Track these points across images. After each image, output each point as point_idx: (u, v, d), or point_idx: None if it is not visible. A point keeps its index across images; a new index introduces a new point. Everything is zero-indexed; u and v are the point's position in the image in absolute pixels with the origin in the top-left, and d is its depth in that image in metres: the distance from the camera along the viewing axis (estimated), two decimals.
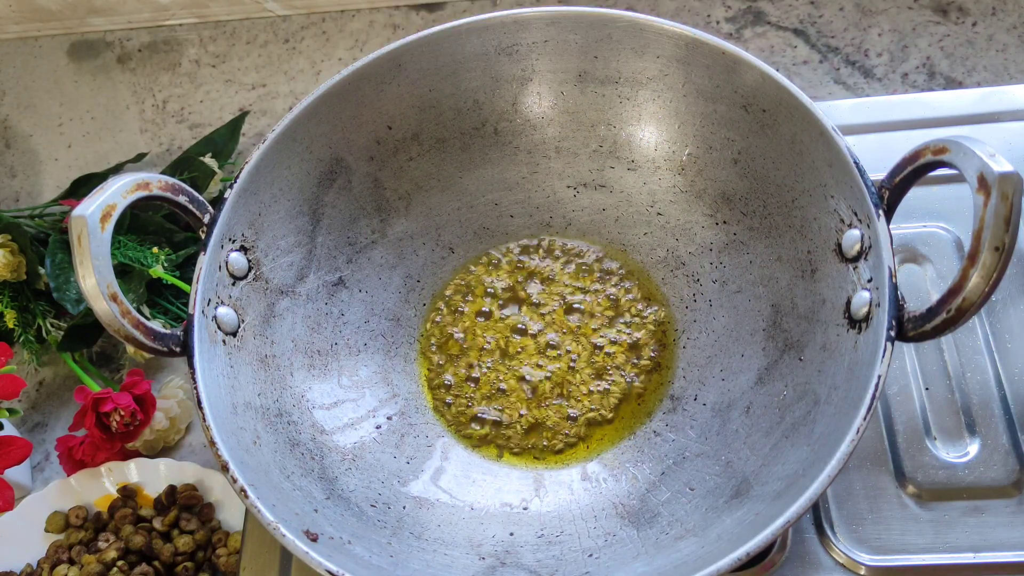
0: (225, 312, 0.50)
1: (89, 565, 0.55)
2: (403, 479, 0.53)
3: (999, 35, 0.72)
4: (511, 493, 0.53)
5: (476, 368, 0.57)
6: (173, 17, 0.81)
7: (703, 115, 0.55)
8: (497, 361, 0.57)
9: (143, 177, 0.48)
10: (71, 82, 0.81)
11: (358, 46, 0.77)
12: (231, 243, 0.51)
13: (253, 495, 0.43)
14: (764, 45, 0.71)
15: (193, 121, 0.77)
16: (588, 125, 0.59)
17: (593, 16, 0.54)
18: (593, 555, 0.48)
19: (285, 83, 0.77)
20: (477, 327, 0.58)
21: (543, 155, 0.60)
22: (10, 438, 0.58)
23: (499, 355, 0.57)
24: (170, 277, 0.61)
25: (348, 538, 0.46)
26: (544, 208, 0.61)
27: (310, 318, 0.56)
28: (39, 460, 0.66)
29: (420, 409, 0.56)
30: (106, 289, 0.45)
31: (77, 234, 0.44)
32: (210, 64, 0.79)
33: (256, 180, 0.52)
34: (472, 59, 0.56)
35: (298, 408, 0.53)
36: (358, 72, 0.54)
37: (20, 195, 0.78)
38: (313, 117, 0.54)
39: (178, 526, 0.57)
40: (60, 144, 0.79)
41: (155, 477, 0.59)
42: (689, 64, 0.53)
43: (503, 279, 0.59)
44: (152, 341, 0.47)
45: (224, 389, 0.48)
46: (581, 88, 0.57)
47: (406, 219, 0.60)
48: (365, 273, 0.58)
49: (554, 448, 0.54)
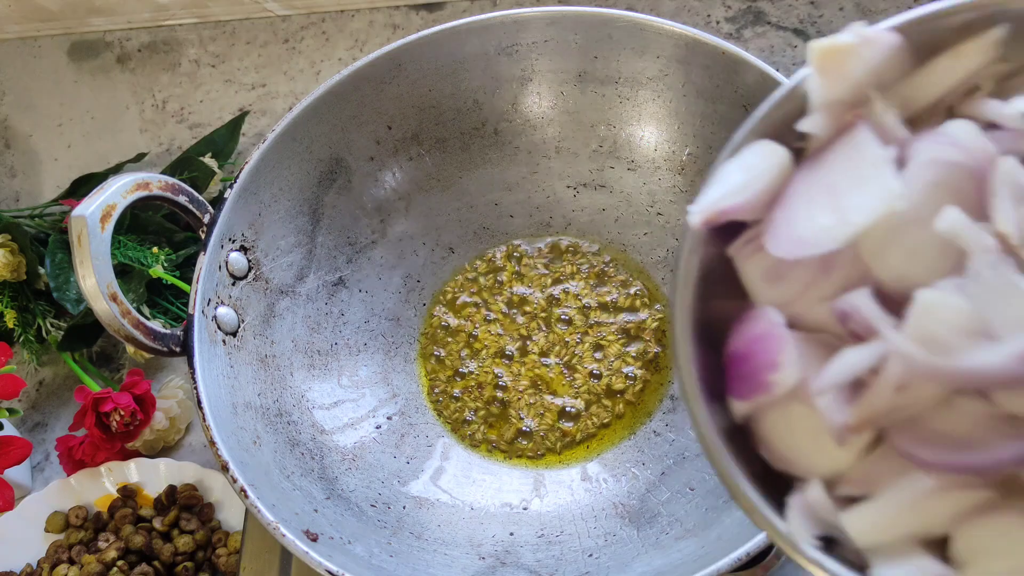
0: (225, 312, 0.50)
1: (89, 565, 0.55)
2: (403, 479, 0.53)
3: None
4: (511, 493, 0.53)
5: (476, 368, 0.57)
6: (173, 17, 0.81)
7: (703, 115, 0.55)
8: (497, 361, 0.57)
9: (143, 177, 0.48)
10: (71, 82, 0.81)
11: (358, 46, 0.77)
12: (231, 243, 0.51)
13: (253, 495, 0.43)
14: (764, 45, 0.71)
15: (193, 121, 0.77)
16: (588, 125, 0.59)
17: (593, 16, 0.54)
18: (593, 555, 0.48)
19: (285, 83, 0.77)
20: (477, 327, 0.58)
21: (543, 155, 0.60)
22: (10, 438, 0.58)
23: (499, 355, 0.57)
24: (170, 277, 0.61)
25: (348, 538, 0.46)
26: (544, 208, 0.61)
27: (310, 318, 0.56)
28: (39, 460, 0.65)
29: (420, 409, 0.56)
30: (106, 289, 0.45)
31: (77, 234, 0.44)
32: (210, 64, 0.79)
33: (256, 180, 0.52)
34: (472, 59, 0.56)
35: (298, 408, 0.53)
36: (358, 72, 0.54)
37: (20, 195, 0.78)
38: (313, 117, 0.54)
39: (178, 526, 0.57)
40: (60, 144, 0.79)
41: (155, 477, 0.59)
42: (689, 64, 0.53)
43: (503, 279, 0.59)
44: (152, 341, 0.47)
45: (224, 389, 0.48)
46: (581, 88, 0.57)
47: (406, 219, 0.60)
48: (365, 273, 0.58)
49: (554, 448, 0.54)
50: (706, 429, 0.26)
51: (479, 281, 0.60)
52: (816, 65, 0.27)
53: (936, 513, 0.24)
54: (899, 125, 0.27)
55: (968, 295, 0.23)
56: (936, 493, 0.23)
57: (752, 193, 0.27)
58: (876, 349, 0.23)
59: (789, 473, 0.26)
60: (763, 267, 0.27)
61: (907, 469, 0.24)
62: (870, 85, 0.27)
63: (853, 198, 0.25)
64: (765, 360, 0.26)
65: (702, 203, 0.27)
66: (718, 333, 0.28)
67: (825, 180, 0.26)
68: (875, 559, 0.24)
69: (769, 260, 0.26)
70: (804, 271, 0.26)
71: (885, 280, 0.25)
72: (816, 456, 0.25)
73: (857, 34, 0.26)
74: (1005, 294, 0.22)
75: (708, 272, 0.28)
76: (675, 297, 0.28)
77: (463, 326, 0.58)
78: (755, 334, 0.26)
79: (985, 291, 0.23)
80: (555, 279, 0.59)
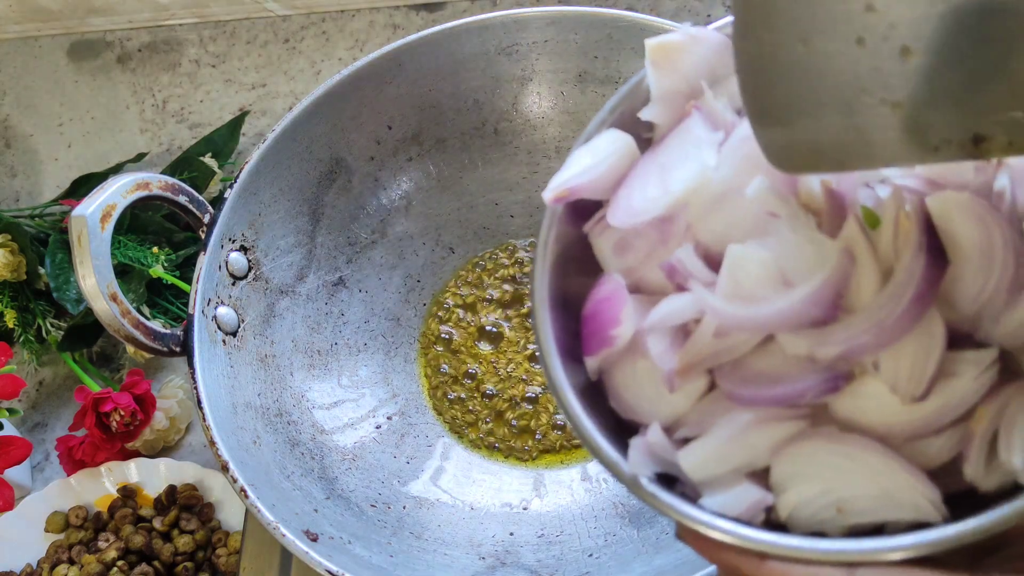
0: (225, 312, 0.50)
1: (89, 565, 0.55)
2: (403, 479, 0.53)
3: None
4: (511, 493, 0.53)
5: (476, 368, 0.57)
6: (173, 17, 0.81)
7: None
8: (497, 361, 0.57)
9: (143, 177, 0.48)
10: (71, 82, 0.81)
11: (358, 46, 0.77)
12: (231, 243, 0.51)
13: (253, 495, 0.43)
14: None
15: (193, 121, 0.77)
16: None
17: (593, 16, 0.54)
18: (593, 555, 0.48)
19: (285, 83, 0.77)
20: (477, 327, 0.58)
21: (543, 155, 0.60)
22: (10, 438, 0.58)
23: (499, 355, 0.57)
24: (170, 277, 0.61)
25: (348, 538, 0.46)
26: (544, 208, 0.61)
27: (310, 318, 0.56)
28: (39, 460, 0.65)
29: (420, 409, 0.56)
30: (106, 289, 0.45)
31: (77, 234, 0.44)
32: (210, 64, 0.79)
33: (256, 180, 0.52)
34: (472, 59, 0.56)
35: (298, 408, 0.53)
36: (358, 72, 0.54)
37: (20, 195, 0.78)
38: (313, 117, 0.54)
39: (178, 526, 0.57)
40: (60, 144, 0.79)
41: (155, 477, 0.59)
42: None
43: (503, 279, 0.59)
44: (152, 341, 0.47)
45: (224, 389, 0.48)
46: (581, 88, 0.57)
47: (406, 219, 0.60)
48: (365, 273, 0.58)
49: (554, 448, 0.54)
50: (559, 384, 0.29)
51: (479, 281, 0.60)
52: (652, 60, 0.30)
53: (757, 445, 0.26)
54: (730, 112, 0.29)
55: (771, 250, 0.26)
56: (755, 426, 0.26)
57: (598, 173, 0.30)
58: (695, 298, 0.26)
59: (635, 422, 0.29)
60: (612, 241, 0.30)
61: (733, 409, 0.26)
62: (702, 78, 0.30)
63: (676, 172, 0.28)
64: (609, 317, 0.29)
65: (553, 182, 0.30)
66: (578, 303, 0.30)
67: (658, 160, 0.29)
68: (707, 491, 0.27)
69: (617, 234, 0.30)
70: (645, 241, 0.29)
71: (709, 243, 0.28)
72: (656, 403, 0.28)
73: (686, 33, 0.30)
74: (801, 247, 0.25)
75: (569, 250, 0.31)
76: (535, 268, 0.31)
77: (463, 326, 0.58)
78: (602, 296, 0.29)
79: (785, 246, 0.26)
80: None
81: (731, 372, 0.27)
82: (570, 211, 0.31)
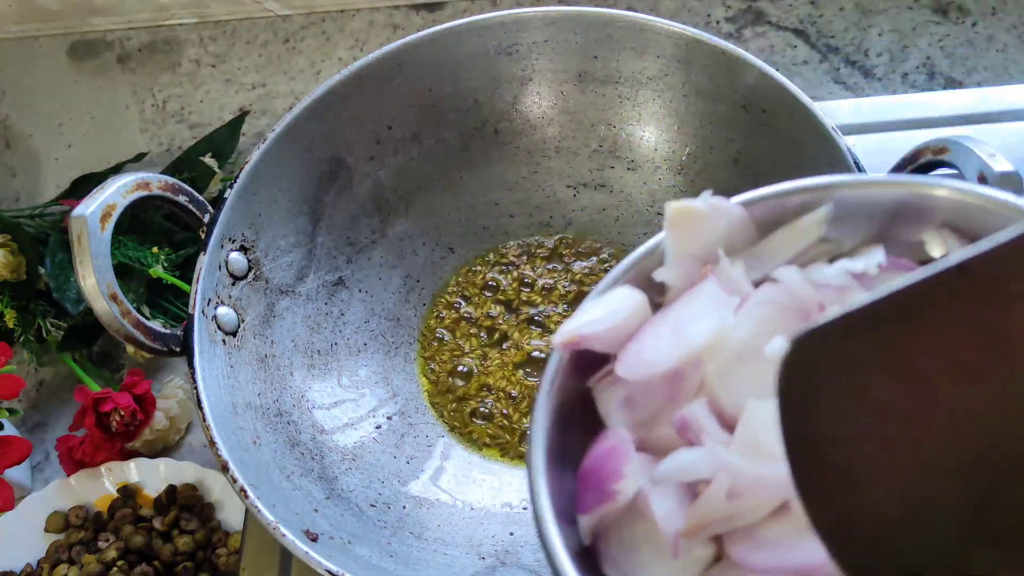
0: (225, 312, 0.50)
1: (89, 565, 0.55)
2: (403, 479, 0.53)
3: (999, 35, 0.72)
4: (511, 493, 0.53)
5: (476, 368, 0.57)
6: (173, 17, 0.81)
7: (703, 115, 0.55)
8: (497, 361, 0.57)
9: (143, 177, 0.48)
10: (71, 82, 0.81)
11: (358, 46, 0.77)
12: (231, 243, 0.51)
13: (253, 495, 0.43)
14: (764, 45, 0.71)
15: (193, 121, 0.77)
16: (588, 125, 0.59)
17: (593, 16, 0.54)
18: None
19: (285, 83, 0.77)
20: (477, 327, 0.58)
21: (543, 155, 0.60)
22: (10, 438, 0.58)
23: (499, 355, 0.57)
24: (170, 277, 0.61)
25: (348, 538, 0.46)
26: (544, 208, 0.61)
27: (310, 318, 0.56)
28: (39, 460, 0.65)
29: (420, 409, 0.56)
30: (106, 289, 0.45)
31: (77, 234, 0.44)
32: (210, 64, 0.79)
33: (256, 180, 0.52)
34: (472, 59, 0.56)
35: (298, 408, 0.53)
36: (358, 72, 0.54)
37: (20, 195, 0.78)
38: (313, 117, 0.54)
39: (178, 526, 0.57)
40: (60, 144, 0.79)
41: (155, 477, 0.59)
42: (689, 64, 0.53)
43: (503, 279, 0.59)
44: (152, 341, 0.47)
45: (224, 389, 0.48)
46: (581, 88, 0.57)
47: (406, 219, 0.60)
48: (365, 273, 0.58)
49: None
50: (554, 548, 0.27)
51: (479, 281, 0.60)
52: (671, 222, 0.30)
53: None
54: (745, 281, 0.29)
55: None
56: None
57: (610, 324, 0.29)
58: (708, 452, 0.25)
59: None
60: (619, 396, 0.29)
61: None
62: (719, 245, 0.30)
63: (692, 328, 0.28)
64: (611, 471, 0.27)
65: (563, 329, 0.29)
66: (575, 461, 0.29)
67: (671, 319, 0.29)
68: None
69: (625, 390, 0.29)
70: (654, 398, 0.28)
71: (724, 402, 0.27)
72: (657, 572, 0.26)
73: (707, 202, 0.30)
74: None
75: (569, 404, 0.30)
76: (533, 425, 0.29)
77: (463, 326, 0.58)
78: (604, 450, 0.28)
79: None
80: (555, 279, 0.59)
81: (742, 538, 0.25)
82: (575, 364, 0.30)
